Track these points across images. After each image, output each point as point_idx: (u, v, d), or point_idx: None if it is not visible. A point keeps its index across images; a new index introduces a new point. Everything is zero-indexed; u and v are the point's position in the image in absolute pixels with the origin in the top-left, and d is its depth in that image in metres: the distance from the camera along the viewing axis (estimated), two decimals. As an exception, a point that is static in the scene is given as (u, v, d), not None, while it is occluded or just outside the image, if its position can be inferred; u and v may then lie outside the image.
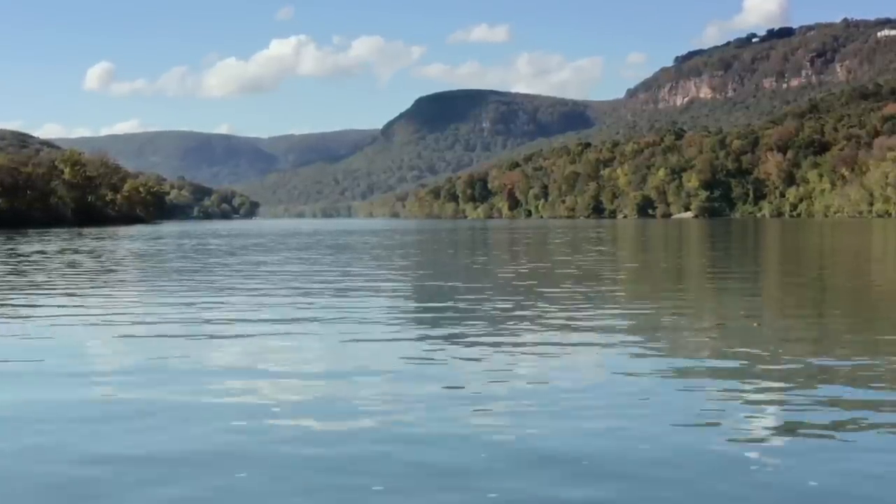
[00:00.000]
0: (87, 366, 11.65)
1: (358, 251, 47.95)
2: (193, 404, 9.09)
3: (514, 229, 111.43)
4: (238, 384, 10.14)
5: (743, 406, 8.89)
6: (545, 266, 34.06)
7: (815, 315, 17.59)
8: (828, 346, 12.96)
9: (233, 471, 6.85)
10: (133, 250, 50.61)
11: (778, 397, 9.29)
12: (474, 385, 9.96)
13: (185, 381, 10.28)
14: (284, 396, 9.57)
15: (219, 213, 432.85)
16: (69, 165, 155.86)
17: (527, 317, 16.33)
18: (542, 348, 12.60)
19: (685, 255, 44.88)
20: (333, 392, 9.74)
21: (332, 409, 8.94)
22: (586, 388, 9.75)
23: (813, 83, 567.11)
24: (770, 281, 27.53)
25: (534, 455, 7.21)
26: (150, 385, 10.07)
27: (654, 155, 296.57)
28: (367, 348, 12.87)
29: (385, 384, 10.13)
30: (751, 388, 9.70)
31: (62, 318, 16.65)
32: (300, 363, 11.52)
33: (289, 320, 15.96)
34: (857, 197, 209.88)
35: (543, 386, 9.97)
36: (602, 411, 8.68)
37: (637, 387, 9.83)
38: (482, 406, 8.95)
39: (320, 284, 24.30)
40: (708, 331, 14.94)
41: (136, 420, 8.42)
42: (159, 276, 30.14)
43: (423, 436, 7.85)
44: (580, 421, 8.32)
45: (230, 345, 13.36)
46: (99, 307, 18.95)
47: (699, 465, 6.95)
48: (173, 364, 11.46)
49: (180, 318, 16.54)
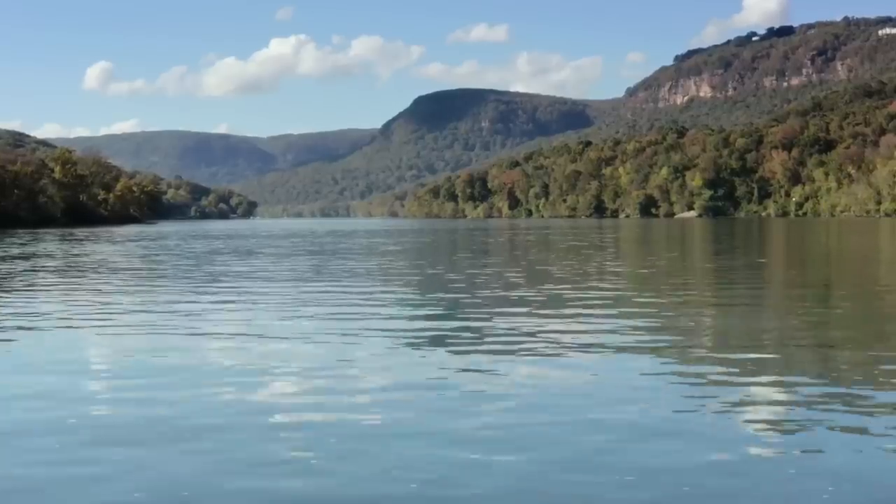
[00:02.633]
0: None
1: (359, 259, 43.99)
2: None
3: (529, 229, 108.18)
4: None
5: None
6: (647, 267, 32.46)
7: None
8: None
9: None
10: (90, 253, 46.78)
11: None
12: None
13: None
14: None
15: (216, 213, 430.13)
16: (59, 164, 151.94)
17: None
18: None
19: (750, 255, 41.51)
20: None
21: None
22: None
23: (814, 82, 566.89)
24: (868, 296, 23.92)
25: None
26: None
27: (656, 153, 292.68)
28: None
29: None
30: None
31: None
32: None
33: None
34: (865, 196, 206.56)
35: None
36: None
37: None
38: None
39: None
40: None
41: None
42: (89, 284, 26.21)
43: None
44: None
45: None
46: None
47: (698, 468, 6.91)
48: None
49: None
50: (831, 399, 9.10)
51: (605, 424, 8.16)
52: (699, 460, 7.09)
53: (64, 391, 9.89)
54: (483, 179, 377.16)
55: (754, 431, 7.98)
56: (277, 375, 10.67)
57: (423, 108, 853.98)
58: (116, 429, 8.18)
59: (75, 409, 8.93)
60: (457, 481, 6.59)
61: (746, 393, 9.53)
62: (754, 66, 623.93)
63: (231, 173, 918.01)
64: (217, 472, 6.88)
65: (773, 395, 9.47)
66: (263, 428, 8.14)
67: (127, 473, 6.83)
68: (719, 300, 20.14)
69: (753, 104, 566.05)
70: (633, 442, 7.57)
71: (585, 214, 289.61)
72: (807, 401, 9.04)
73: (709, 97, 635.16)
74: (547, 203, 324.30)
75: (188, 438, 7.79)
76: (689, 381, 10.14)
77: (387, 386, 9.92)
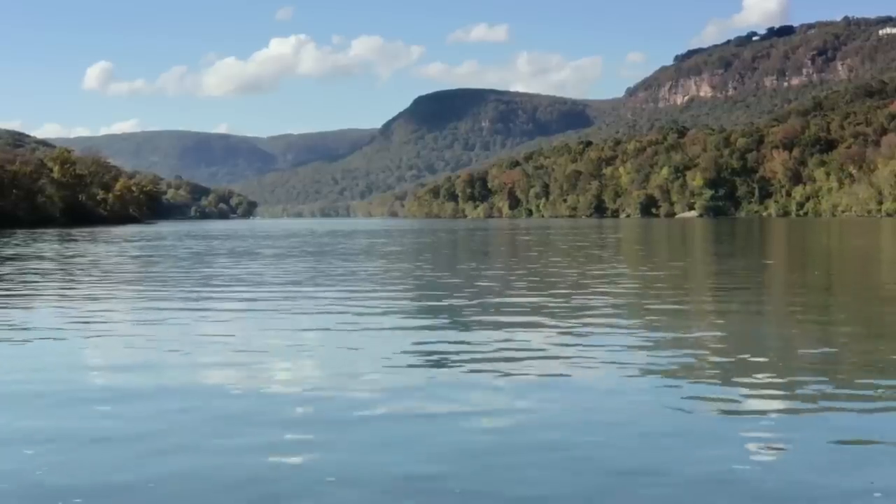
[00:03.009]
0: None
1: (366, 263, 43.25)
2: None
3: (540, 229, 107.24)
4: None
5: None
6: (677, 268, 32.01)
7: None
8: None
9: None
10: (83, 254, 46.10)
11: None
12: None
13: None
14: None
15: (216, 213, 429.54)
16: (58, 163, 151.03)
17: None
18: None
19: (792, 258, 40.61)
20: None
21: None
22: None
23: (814, 81, 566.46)
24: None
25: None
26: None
27: (656, 153, 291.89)
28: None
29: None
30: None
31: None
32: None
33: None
34: (866, 196, 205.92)
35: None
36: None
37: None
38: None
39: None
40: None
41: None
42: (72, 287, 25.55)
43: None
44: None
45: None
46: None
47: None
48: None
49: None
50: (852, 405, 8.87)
51: (614, 431, 8.01)
52: (701, 461, 7.02)
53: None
54: (483, 179, 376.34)
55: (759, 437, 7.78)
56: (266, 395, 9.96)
57: (423, 108, 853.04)
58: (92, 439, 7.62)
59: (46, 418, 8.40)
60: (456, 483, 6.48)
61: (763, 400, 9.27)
62: (754, 65, 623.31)
63: (231, 173, 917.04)
64: (209, 488, 6.58)
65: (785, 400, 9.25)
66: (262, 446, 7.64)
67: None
68: (727, 306, 18.97)
69: (754, 104, 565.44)
70: (640, 447, 7.47)
71: (586, 214, 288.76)
72: (822, 407, 8.83)
73: (709, 97, 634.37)
74: (547, 203, 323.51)
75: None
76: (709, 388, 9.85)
77: (387, 400, 9.44)
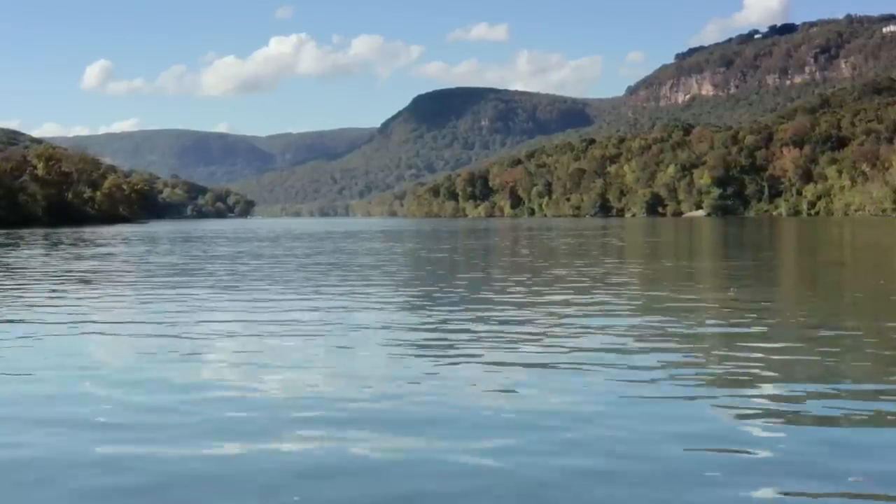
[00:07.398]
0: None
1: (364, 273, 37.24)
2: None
3: (559, 230, 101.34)
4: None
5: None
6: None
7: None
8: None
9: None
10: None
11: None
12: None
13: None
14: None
15: (213, 212, 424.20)
16: (42, 160, 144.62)
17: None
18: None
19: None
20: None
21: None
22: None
23: (817, 80, 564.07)
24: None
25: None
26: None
27: (662, 151, 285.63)
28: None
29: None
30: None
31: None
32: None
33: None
34: (880, 194, 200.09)
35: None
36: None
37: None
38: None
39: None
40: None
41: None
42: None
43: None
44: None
45: None
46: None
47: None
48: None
49: None
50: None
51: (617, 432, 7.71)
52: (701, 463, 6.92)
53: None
54: (484, 178, 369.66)
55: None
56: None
57: (423, 107, 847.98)
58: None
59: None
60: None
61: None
62: (756, 63, 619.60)
63: (230, 172, 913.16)
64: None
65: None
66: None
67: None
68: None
69: (756, 102, 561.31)
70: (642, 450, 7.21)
71: (590, 213, 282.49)
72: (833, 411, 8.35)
73: (711, 95, 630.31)
74: (550, 202, 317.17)
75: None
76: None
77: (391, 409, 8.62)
